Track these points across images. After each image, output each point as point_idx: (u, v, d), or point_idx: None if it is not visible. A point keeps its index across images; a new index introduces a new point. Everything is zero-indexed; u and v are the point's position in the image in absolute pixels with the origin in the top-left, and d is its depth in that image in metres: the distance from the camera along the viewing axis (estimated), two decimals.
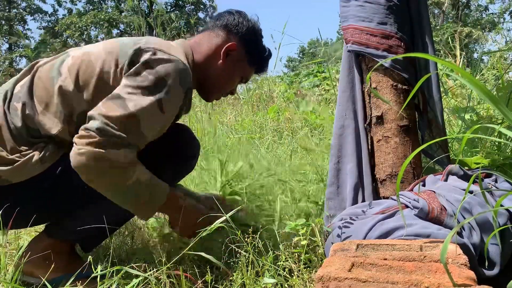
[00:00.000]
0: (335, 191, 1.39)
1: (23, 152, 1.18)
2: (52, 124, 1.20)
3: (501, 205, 1.06)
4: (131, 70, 1.18)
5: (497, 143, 1.69)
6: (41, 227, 1.37)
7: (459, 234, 1.01)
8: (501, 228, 1.01)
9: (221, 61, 1.37)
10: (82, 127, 1.12)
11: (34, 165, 1.17)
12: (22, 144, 1.19)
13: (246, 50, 1.40)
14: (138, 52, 1.20)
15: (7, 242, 1.58)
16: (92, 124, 1.10)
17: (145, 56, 1.18)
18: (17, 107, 1.20)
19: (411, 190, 1.23)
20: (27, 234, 1.68)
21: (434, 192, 1.15)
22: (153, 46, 1.21)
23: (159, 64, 1.18)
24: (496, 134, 1.61)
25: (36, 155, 1.18)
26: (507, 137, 1.54)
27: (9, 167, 1.16)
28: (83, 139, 1.10)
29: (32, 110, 1.20)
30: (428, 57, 1.14)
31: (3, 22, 25.41)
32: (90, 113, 1.14)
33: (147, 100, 1.15)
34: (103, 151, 1.09)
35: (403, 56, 1.30)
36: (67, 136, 1.21)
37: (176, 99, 1.22)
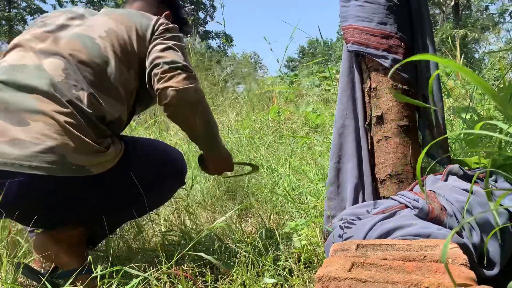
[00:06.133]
0: (335, 191, 1.39)
1: (103, 144, 1.14)
2: (114, 108, 1.20)
3: (501, 205, 1.06)
4: (162, 33, 1.33)
5: (497, 144, 1.68)
6: None
7: (459, 234, 1.01)
8: (501, 226, 1.01)
9: None
10: (161, 67, 1.20)
11: (113, 158, 1.15)
12: (96, 133, 1.14)
13: (175, 17, 1.59)
14: (159, 23, 1.36)
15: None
16: (174, 63, 1.20)
17: (169, 26, 1.37)
18: (80, 95, 1.14)
19: (411, 190, 1.23)
20: None
21: (434, 192, 1.15)
22: (162, 20, 1.39)
23: (174, 27, 1.39)
24: (496, 137, 1.60)
25: (112, 147, 1.15)
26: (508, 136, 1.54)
27: (96, 157, 1.11)
28: (177, 77, 1.18)
29: (95, 97, 1.16)
30: (428, 58, 1.13)
31: (3, 22, 25.41)
32: (159, 60, 1.22)
33: (183, 45, 1.34)
34: (196, 82, 1.20)
35: (403, 57, 1.30)
36: (125, 118, 1.26)
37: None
